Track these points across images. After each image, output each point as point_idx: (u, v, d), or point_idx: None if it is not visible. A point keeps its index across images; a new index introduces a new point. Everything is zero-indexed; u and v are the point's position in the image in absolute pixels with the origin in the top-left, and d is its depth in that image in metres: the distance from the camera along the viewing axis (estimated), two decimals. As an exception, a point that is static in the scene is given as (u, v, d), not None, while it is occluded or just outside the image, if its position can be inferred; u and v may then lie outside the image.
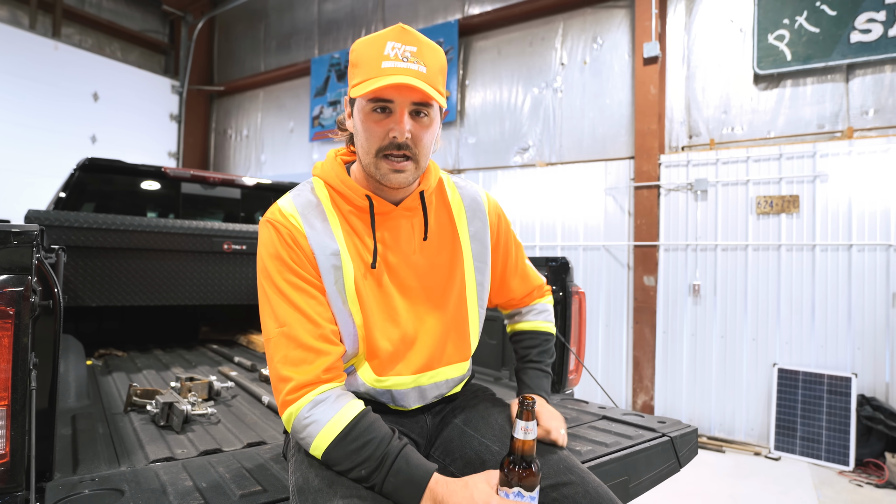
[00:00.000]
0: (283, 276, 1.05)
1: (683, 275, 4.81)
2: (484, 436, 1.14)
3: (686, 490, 3.49)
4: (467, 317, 1.21)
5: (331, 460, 0.96)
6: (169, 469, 1.32)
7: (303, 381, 0.99)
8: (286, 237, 1.06)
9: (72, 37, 8.09)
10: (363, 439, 0.95)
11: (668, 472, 1.66)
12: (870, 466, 3.83)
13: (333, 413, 0.97)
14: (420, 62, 1.01)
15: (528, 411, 0.89)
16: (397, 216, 1.13)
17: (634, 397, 4.95)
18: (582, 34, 5.52)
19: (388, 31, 1.03)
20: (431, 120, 1.05)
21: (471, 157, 6.23)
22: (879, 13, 4.11)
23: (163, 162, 8.84)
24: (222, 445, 1.56)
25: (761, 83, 4.61)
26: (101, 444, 1.53)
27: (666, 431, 1.71)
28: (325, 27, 7.93)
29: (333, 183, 1.12)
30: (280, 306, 1.04)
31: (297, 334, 1.01)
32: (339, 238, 1.09)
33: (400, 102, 1.01)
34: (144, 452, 1.49)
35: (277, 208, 1.10)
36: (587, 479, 1.03)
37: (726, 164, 4.63)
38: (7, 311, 1.08)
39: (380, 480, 0.93)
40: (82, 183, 3.38)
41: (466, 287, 1.21)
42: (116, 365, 2.70)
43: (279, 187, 4.06)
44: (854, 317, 4.12)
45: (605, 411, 1.95)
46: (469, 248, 1.22)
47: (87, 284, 2.70)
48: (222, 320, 3.81)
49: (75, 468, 1.34)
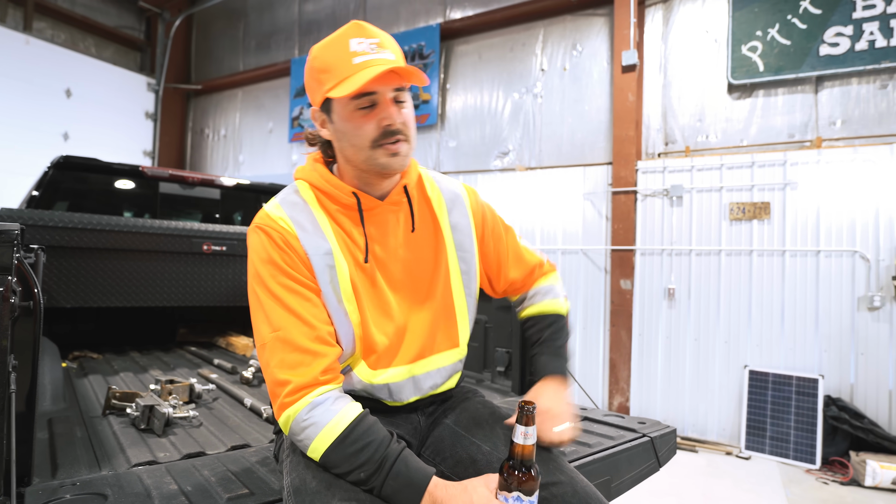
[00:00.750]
0: (276, 280, 1.04)
1: (659, 278, 4.92)
2: (475, 436, 1.15)
3: (660, 489, 3.56)
4: (454, 305, 1.22)
5: (329, 462, 0.96)
6: (152, 473, 1.30)
7: (301, 383, 0.98)
8: (278, 240, 1.05)
9: (44, 31, 7.89)
10: (362, 442, 0.95)
11: (649, 471, 1.70)
12: (835, 465, 3.97)
13: (332, 415, 0.97)
14: (387, 51, 1.04)
15: (528, 416, 0.89)
16: (383, 211, 1.14)
17: (610, 398, 5.04)
18: (562, 41, 5.60)
19: (345, 30, 1.05)
20: (408, 102, 1.09)
21: (451, 161, 6.27)
22: (847, 28, 4.28)
23: (138, 161, 8.66)
24: (206, 449, 1.54)
25: (735, 93, 4.75)
26: (80, 448, 1.50)
27: (646, 432, 1.75)
28: (306, 27, 7.88)
29: (318, 183, 1.12)
30: (274, 310, 1.03)
31: (293, 337, 1.01)
32: (331, 237, 1.09)
33: (383, 91, 1.03)
34: (126, 456, 1.47)
35: (265, 213, 1.10)
36: (576, 479, 1.05)
37: (701, 171, 4.75)
38: None
39: (379, 483, 0.93)
40: (56, 181, 3.30)
41: (451, 276, 1.22)
42: (92, 367, 2.66)
43: (259, 188, 4.03)
44: (821, 320, 4.26)
45: (587, 412, 1.98)
46: (451, 239, 1.23)
47: (62, 285, 2.65)
48: (201, 322, 3.76)
49: (54, 473, 1.32)
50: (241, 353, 3.12)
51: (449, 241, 1.22)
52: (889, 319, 4.04)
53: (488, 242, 1.31)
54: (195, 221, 3.89)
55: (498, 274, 1.34)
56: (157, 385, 2.09)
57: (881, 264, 4.08)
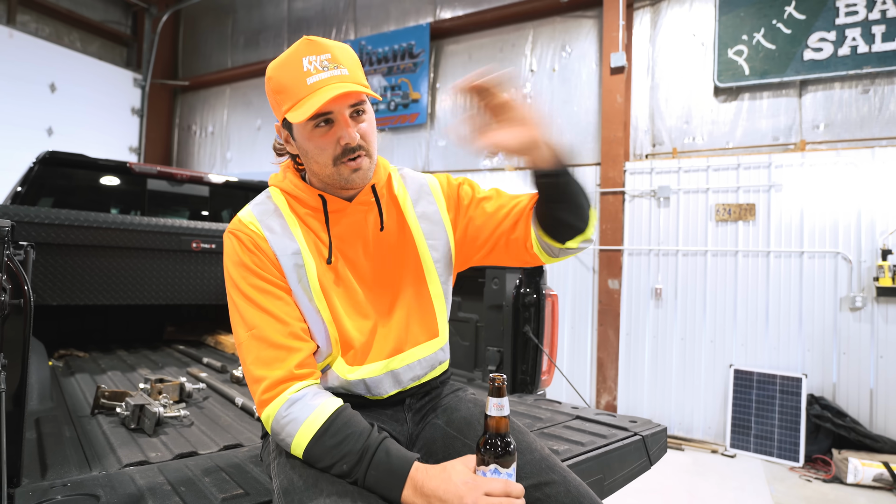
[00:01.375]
0: (247, 281, 1.07)
1: (646, 278, 4.97)
2: (467, 437, 1.15)
3: (647, 487, 3.61)
4: (429, 295, 1.22)
5: (312, 457, 0.97)
6: (145, 473, 1.30)
7: (276, 378, 1.00)
8: (247, 243, 1.09)
9: (28, 24, 7.75)
10: (342, 434, 0.96)
11: (640, 469, 1.71)
12: (818, 462, 4.04)
13: (311, 410, 0.98)
14: (339, 66, 1.04)
15: (500, 388, 0.90)
16: (352, 212, 1.16)
17: (598, 397, 5.08)
18: (551, 42, 5.64)
19: (296, 47, 1.05)
20: (368, 114, 1.10)
21: (440, 160, 6.28)
22: (830, 33, 4.36)
23: (123, 157, 8.57)
24: (198, 448, 1.53)
25: (721, 95, 4.81)
26: (69, 448, 1.49)
27: (638, 431, 1.76)
28: (296, 25, 7.84)
29: (288, 188, 1.16)
30: (247, 310, 1.06)
31: (267, 334, 1.04)
32: (299, 238, 1.12)
33: (338, 110, 1.04)
34: (116, 456, 1.45)
35: (238, 219, 1.14)
36: (568, 479, 1.05)
37: (688, 172, 4.81)
38: None
39: (362, 474, 0.94)
40: (42, 177, 3.27)
41: (424, 267, 1.22)
42: (78, 366, 2.62)
43: (247, 185, 4.01)
44: (804, 320, 4.34)
45: (579, 411, 1.99)
46: (419, 230, 1.23)
47: (48, 282, 2.61)
48: (189, 320, 3.73)
49: (44, 473, 1.31)
50: (231, 352, 3.09)
51: (417, 232, 1.22)
52: (870, 319, 4.13)
53: (473, 213, 1.23)
54: (183, 218, 3.86)
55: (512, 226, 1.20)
56: (146, 384, 2.07)
57: (863, 265, 4.16)
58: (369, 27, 6.99)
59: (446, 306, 1.26)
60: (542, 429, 1.78)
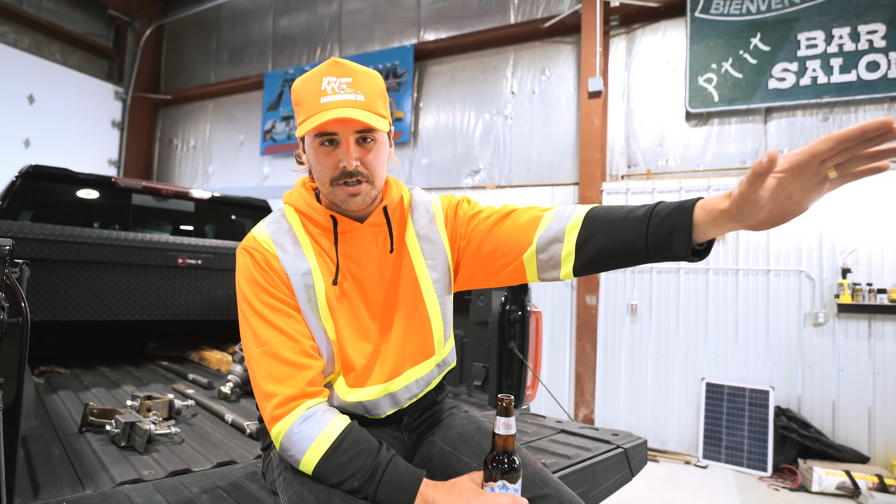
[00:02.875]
0: (259, 298, 1.08)
1: (622, 295, 5.13)
2: (462, 453, 1.17)
3: (624, 498, 3.68)
4: (427, 315, 1.20)
5: (322, 474, 0.98)
6: (140, 491, 1.28)
7: (288, 394, 1.01)
8: (260, 261, 1.10)
9: (7, 35, 7.66)
10: (353, 451, 0.98)
11: (623, 481, 1.76)
12: (785, 472, 4.20)
13: (322, 427, 1.00)
14: (357, 91, 1.05)
15: (507, 408, 0.92)
16: (363, 233, 1.17)
17: (576, 410, 5.19)
18: (531, 66, 5.82)
19: (322, 67, 1.07)
20: (377, 142, 1.08)
21: (423, 178, 6.39)
22: (793, 64, 4.61)
23: (102, 169, 8.46)
24: (191, 466, 1.52)
25: (692, 120, 5.03)
26: (59, 467, 1.46)
27: (620, 443, 1.81)
28: (280, 42, 7.92)
29: (301, 207, 1.17)
30: (259, 327, 1.07)
31: (278, 351, 1.04)
32: (311, 258, 1.13)
33: (343, 133, 1.05)
34: (109, 474, 1.43)
35: (252, 236, 1.15)
36: (562, 492, 1.07)
37: (661, 192, 5.00)
38: None
39: (372, 490, 0.96)
40: (24, 190, 3.21)
41: (422, 287, 1.20)
42: (60, 383, 2.56)
43: (232, 201, 4.00)
44: (771, 335, 4.53)
45: (563, 425, 2.03)
46: (418, 250, 1.22)
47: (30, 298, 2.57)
48: (171, 336, 3.70)
49: (36, 492, 1.29)
50: (216, 368, 3.08)
51: (416, 253, 1.22)
52: (832, 335, 4.33)
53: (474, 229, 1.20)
54: (167, 234, 3.85)
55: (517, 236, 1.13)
56: (134, 401, 2.03)
57: (825, 283, 4.38)
58: (354, 47, 7.11)
59: (443, 325, 1.22)
60: (528, 442, 1.82)
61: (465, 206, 1.24)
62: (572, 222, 1.05)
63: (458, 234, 1.22)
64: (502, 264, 1.15)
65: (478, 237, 1.18)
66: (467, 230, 1.21)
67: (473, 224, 1.20)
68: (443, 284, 1.23)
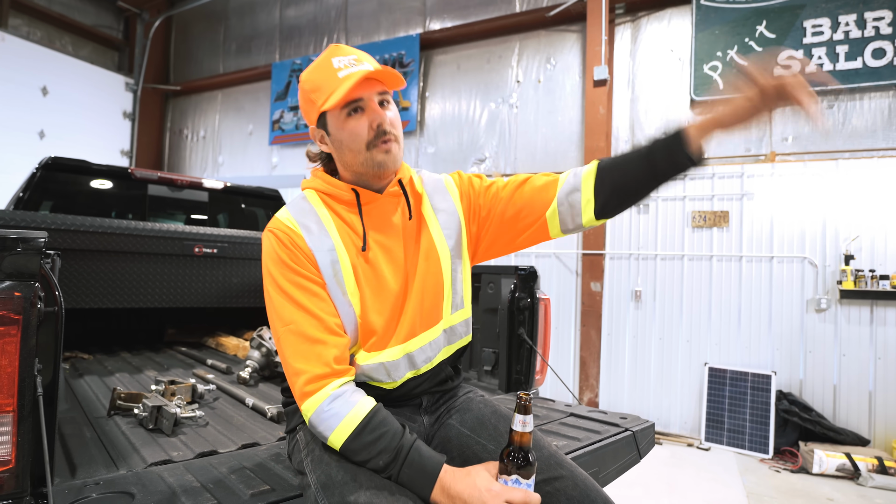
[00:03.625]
0: (285, 277, 1.12)
1: (626, 281, 5.20)
2: (480, 436, 1.21)
3: (628, 480, 3.76)
4: (442, 282, 1.25)
5: (350, 451, 1.03)
6: (172, 471, 1.33)
7: (316, 373, 1.06)
8: (285, 241, 1.14)
9: (20, 28, 7.78)
10: (380, 431, 1.03)
11: (631, 462, 1.79)
12: (786, 454, 4.28)
13: (351, 406, 1.05)
14: (364, 63, 1.15)
15: (526, 406, 0.96)
16: (382, 203, 1.23)
17: (581, 394, 5.30)
18: (537, 54, 5.85)
19: (326, 53, 1.17)
20: (393, 104, 1.19)
21: (429, 166, 6.45)
22: (798, 52, 4.62)
23: (115, 160, 8.59)
24: (217, 447, 1.56)
25: (697, 108, 5.05)
26: (93, 449, 1.52)
27: (628, 426, 1.84)
28: (287, 33, 7.96)
29: (321, 187, 1.23)
30: (284, 306, 1.11)
31: (304, 329, 1.09)
32: (334, 234, 1.17)
33: (368, 97, 1.13)
34: (140, 456, 1.48)
35: (276, 218, 1.20)
36: (576, 473, 1.12)
37: (666, 180, 5.04)
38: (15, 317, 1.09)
39: (396, 471, 1.00)
40: (44, 182, 3.30)
41: (440, 254, 1.26)
42: (85, 368, 2.65)
43: (245, 191, 4.08)
44: (774, 321, 4.60)
45: (572, 409, 2.08)
46: (436, 221, 1.28)
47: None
48: (188, 323, 3.79)
49: (73, 472, 1.34)
50: (233, 354, 3.16)
51: (434, 224, 1.27)
52: (834, 320, 4.39)
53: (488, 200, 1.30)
54: (182, 223, 3.94)
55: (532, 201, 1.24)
56: (159, 386, 2.09)
57: (827, 269, 4.43)
58: (360, 37, 7.15)
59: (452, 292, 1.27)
60: (539, 426, 1.86)
61: (477, 181, 1.34)
62: (587, 172, 1.20)
63: (477, 206, 1.31)
64: (526, 224, 1.25)
65: (500, 205, 1.27)
66: (487, 200, 1.29)
67: (492, 193, 1.29)
68: (456, 252, 1.29)
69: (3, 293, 1.08)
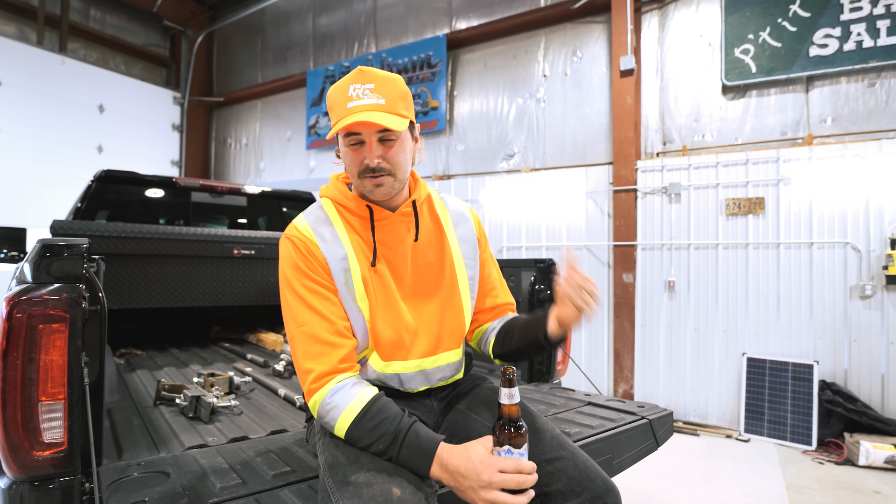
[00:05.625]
0: (300, 282, 1.20)
1: (659, 272, 5.14)
2: (485, 418, 1.28)
3: (663, 471, 3.76)
4: (462, 307, 1.34)
5: (352, 438, 1.11)
6: (205, 454, 1.45)
7: (322, 371, 1.14)
8: (301, 249, 1.22)
9: (77, 51, 8.35)
10: (378, 418, 1.09)
11: (647, 450, 1.82)
12: (830, 446, 4.15)
13: (351, 398, 1.12)
14: (378, 95, 1.17)
15: (511, 379, 1.03)
16: (395, 221, 1.29)
17: (615, 386, 5.28)
18: (563, 48, 5.84)
19: (350, 75, 1.21)
20: (398, 140, 1.21)
21: (460, 164, 6.55)
22: (835, 29, 4.45)
23: (166, 170, 9.10)
24: (248, 433, 1.69)
25: (729, 93, 4.94)
26: (138, 434, 1.66)
27: (645, 415, 1.87)
28: (320, 41, 8.22)
29: (338, 199, 1.30)
30: (298, 309, 1.19)
31: (315, 331, 1.16)
32: (347, 244, 1.24)
33: (367, 134, 1.18)
34: (179, 441, 1.61)
35: (293, 226, 1.27)
36: (577, 455, 1.17)
37: (698, 169, 4.96)
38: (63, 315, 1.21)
39: (395, 452, 1.07)
40: (99, 193, 3.55)
41: (459, 281, 1.34)
42: (138, 363, 2.86)
43: (281, 195, 4.28)
44: (815, 309, 4.45)
45: (591, 398, 2.12)
46: (458, 249, 1.36)
47: (108, 288, 2.79)
48: (232, 320, 4.00)
49: (120, 455, 1.48)
50: (271, 349, 3.35)
51: (456, 251, 1.36)
52: (880, 307, 4.22)
53: (484, 261, 1.45)
54: (224, 227, 4.17)
55: (483, 295, 1.46)
56: (199, 378, 2.26)
57: (872, 254, 4.25)
58: (389, 40, 7.31)
59: (468, 319, 1.39)
60: (555, 414, 1.92)
61: (485, 240, 1.49)
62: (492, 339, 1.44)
63: (484, 255, 1.47)
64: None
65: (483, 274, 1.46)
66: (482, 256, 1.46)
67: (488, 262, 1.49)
68: (475, 282, 1.40)
69: (52, 294, 1.21)
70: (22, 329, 1.17)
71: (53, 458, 1.20)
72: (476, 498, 1.01)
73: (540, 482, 1.13)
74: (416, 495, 1.03)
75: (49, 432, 1.20)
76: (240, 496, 1.22)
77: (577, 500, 1.13)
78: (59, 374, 1.20)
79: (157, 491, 1.21)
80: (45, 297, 1.20)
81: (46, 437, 1.19)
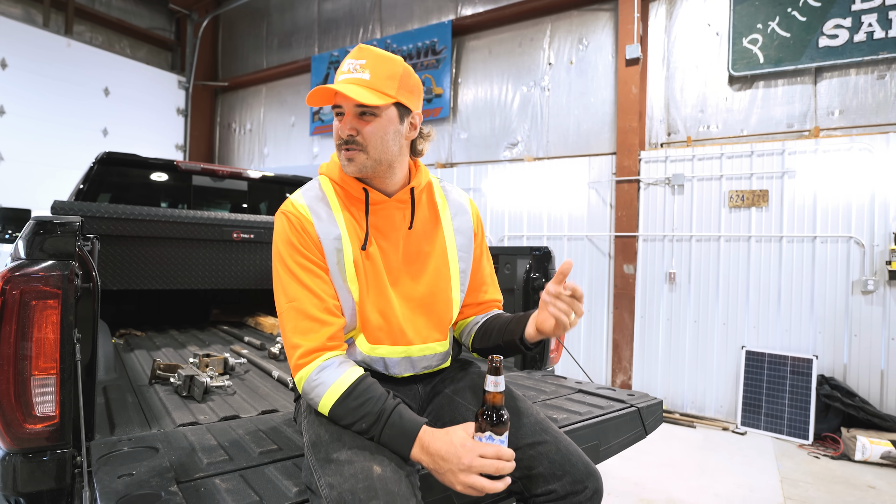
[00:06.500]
0: (293, 258, 1.20)
1: (660, 263, 5.12)
2: (470, 402, 1.29)
3: (660, 461, 3.77)
4: (451, 299, 1.34)
5: (336, 416, 1.11)
6: (195, 431, 1.48)
7: (310, 347, 1.14)
8: (296, 225, 1.22)
9: (83, 34, 8.34)
10: (363, 398, 1.10)
11: (635, 438, 1.83)
12: (827, 440, 4.14)
13: (338, 376, 1.12)
14: (365, 71, 1.19)
15: (497, 367, 1.03)
16: (390, 207, 1.29)
17: (613, 377, 5.28)
18: (568, 36, 5.78)
19: (352, 52, 1.23)
20: (378, 117, 1.20)
21: (463, 152, 6.52)
22: (846, 20, 4.38)
23: (170, 154, 9.12)
24: (239, 412, 1.71)
25: (735, 84, 4.88)
26: (132, 411, 1.69)
27: (634, 403, 1.88)
28: (325, 26, 8.18)
29: (336, 178, 1.29)
30: (290, 284, 1.19)
31: (305, 307, 1.17)
32: (341, 225, 1.24)
33: (347, 107, 1.20)
34: (171, 418, 1.64)
35: (290, 202, 1.27)
36: (559, 439, 1.19)
37: (702, 160, 4.92)
38: (55, 291, 1.22)
39: (378, 432, 1.08)
40: (100, 175, 3.55)
41: (451, 273, 1.34)
42: (137, 343, 2.90)
43: (283, 180, 4.27)
44: (816, 303, 4.43)
45: (581, 385, 2.13)
46: (453, 240, 1.36)
47: (109, 270, 2.82)
48: (231, 303, 4.03)
49: (112, 430, 1.50)
50: (269, 332, 3.37)
51: (451, 242, 1.36)
52: (882, 302, 4.19)
53: (477, 252, 1.45)
54: (225, 211, 4.18)
55: (473, 284, 1.45)
56: (195, 358, 2.30)
57: (875, 249, 4.22)
58: (394, 26, 7.26)
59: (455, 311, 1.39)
60: (545, 400, 1.92)
61: (482, 234, 1.48)
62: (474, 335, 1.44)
63: (479, 248, 1.46)
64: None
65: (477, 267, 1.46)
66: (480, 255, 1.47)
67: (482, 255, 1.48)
68: (466, 275, 1.40)
69: (45, 270, 1.23)
70: (15, 305, 1.19)
71: (46, 430, 1.22)
72: (455, 481, 1.02)
73: (522, 465, 1.14)
74: (396, 473, 1.04)
75: (41, 406, 1.22)
76: (225, 472, 1.24)
77: (559, 484, 1.14)
78: (52, 350, 1.22)
79: (145, 465, 1.23)
80: (38, 273, 1.22)
81: (39, 411, 1.22)
